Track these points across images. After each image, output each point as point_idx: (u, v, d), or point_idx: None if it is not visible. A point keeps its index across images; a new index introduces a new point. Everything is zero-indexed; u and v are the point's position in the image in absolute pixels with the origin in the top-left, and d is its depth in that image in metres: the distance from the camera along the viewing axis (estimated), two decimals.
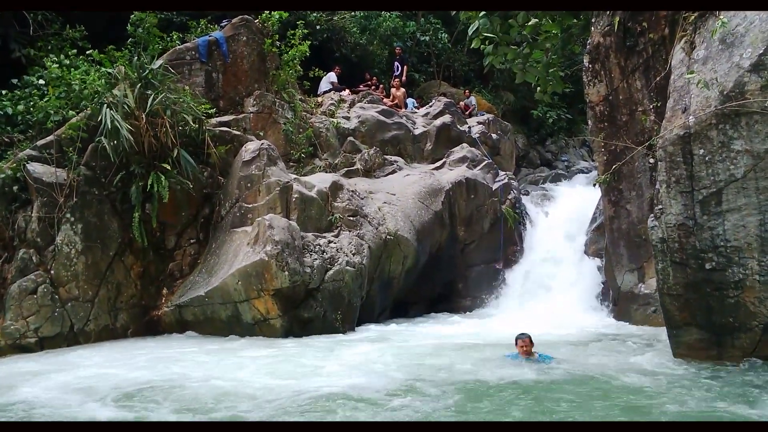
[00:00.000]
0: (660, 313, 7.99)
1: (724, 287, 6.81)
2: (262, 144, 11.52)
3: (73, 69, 11.10)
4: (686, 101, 7.11)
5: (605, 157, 10.54)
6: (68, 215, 9.87)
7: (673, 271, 7.06)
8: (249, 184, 11.10)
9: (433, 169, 14.44)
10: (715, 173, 6.78)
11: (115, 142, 9.99)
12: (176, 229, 11.17)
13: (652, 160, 9.45)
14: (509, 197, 14.38)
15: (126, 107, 10.21)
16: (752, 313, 6.74)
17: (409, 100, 18.33)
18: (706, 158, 6.81)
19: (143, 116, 10.35)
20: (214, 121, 12.10)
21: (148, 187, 10.25)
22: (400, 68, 18.97)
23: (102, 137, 9.96)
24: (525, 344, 7.45)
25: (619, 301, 10.83)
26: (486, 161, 15.00)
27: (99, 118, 10.06)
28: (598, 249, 12.52)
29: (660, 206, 7.15)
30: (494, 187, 14.27)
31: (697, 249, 6.88)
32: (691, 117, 6.93)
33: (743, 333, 6.85)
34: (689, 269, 6.95)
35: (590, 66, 10.40)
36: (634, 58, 9.77)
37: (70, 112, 10.55)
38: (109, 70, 10.92)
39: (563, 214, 14.87)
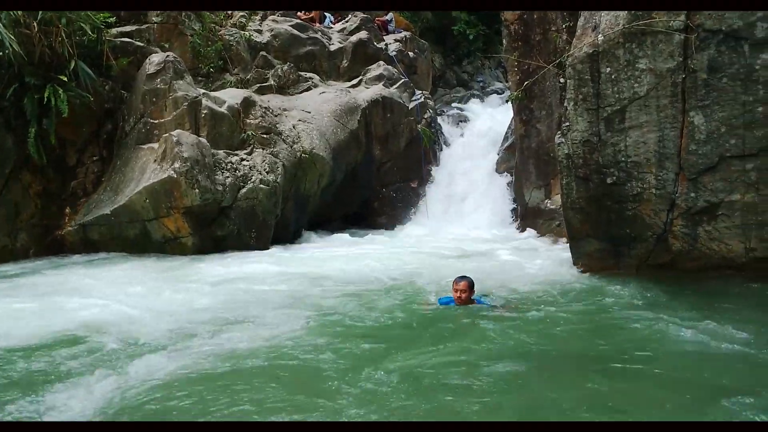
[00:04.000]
0: (563, 226, 8.36)
1: (624, 200, 7.15)
2: (168, 56, 10.89)
3: None
4: (596, 20, 7.20)
5: (518, 77, 10.67)
6: None
7: (576, 185, 7.35)
8: (154, 99, 10.56)
9: (349, 86, 14.20)
10: (619, 91, 6.98)
11: (0, 53, 9.22)
12: (77, 146, 10.58)
13: (562, 80, 9.63)
14: (425, 116, 14.42)
15: (12, 14, 9.38)
16: (648, 224, 7.14)
17: (326, 16, 17.72)
18: (612, 76, 6.98)
19: (35, 24, 9.60)
20: (114, 31, 11.35)
21: (45, 100, 9.59)
22: None
23: None
24: (460, 290, 5.89)
25: (526, 217, 11.24)
26: (402, 80, 14.88)
27: None
28: (509, 167, 12.86)
29: (567, 123, 7.34)
30: (410, 106, 14.24)
31: (600, 164, 7.15)
32: (600, 35, 7.04)
33: (639, 243, 7.28)
34: (592, 183, 7.24)
35: None
36: None
37: None
38: None
39: (477, 133, 15.15)
